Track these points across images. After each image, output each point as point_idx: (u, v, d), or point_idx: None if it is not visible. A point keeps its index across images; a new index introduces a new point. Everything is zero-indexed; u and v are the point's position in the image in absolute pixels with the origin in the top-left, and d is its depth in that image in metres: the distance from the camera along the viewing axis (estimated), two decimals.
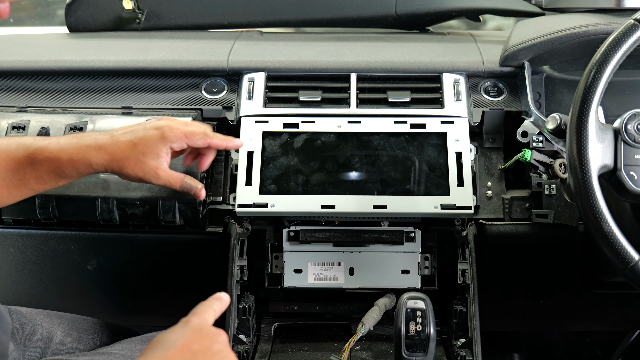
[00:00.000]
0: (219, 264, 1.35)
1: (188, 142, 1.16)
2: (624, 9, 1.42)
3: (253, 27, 1.75)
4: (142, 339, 1.24)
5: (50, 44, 1.64)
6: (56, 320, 1.28)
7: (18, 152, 1.07)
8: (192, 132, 1.16)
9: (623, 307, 1.57)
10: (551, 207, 1.30)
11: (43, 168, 1.07)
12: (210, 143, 1.19)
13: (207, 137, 1.18)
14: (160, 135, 1.12)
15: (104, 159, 1.09)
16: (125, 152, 1.10)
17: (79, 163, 1.08)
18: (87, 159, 1.09)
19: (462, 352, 1.25)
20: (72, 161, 1.08)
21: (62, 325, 1.28)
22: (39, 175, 1.08)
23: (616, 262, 1.04)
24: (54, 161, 1.07)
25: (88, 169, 1.09)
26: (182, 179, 1.16)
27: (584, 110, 1.05)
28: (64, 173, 1.09)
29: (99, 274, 1.46)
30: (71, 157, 1.08)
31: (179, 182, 1.16)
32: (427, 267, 1.35)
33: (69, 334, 1.28)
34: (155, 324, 1.63)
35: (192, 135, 1.16)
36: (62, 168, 1.08)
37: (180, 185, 1.17)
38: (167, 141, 1.13)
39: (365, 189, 1.30)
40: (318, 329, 1.37)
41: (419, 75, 1.42)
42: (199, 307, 0.88)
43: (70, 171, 1.09)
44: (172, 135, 1.13)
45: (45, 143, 1.09)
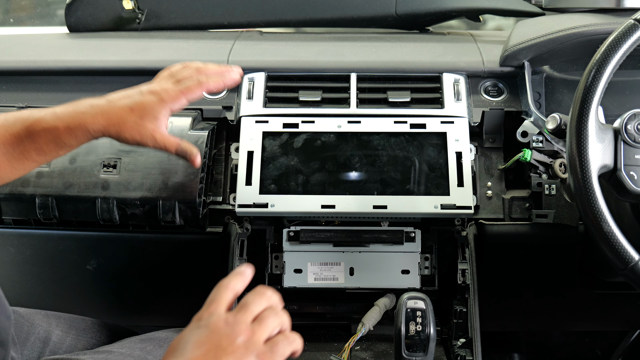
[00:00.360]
0: (219, 264, 1.35)
1: (186, 97, 1.14)
2: (624, 9, 1.42)
3: (253, 27, 1.75)
4: (142, 338, 1.24)
5: (50, 44, 1.64)
6: (54, 320, 1.28)
7: (16, 126, 1.07)
8: (187, 87, 1.14)
9: (623, 307, 1.57)
10: (551, 207, 1.30)
11: (42, 139, 1.06)
12: (208, 89, 1.17)
13: (202, 85, 1.15)
14: (158, 99, 1.11)
15: (100, 124, 1.08)
16: (123, 116, 1.09)
17: (76, 130, 1.07)
18: (84, 125, 1.07)
19: (462, 352, 1.25)
20: (70, 129, 1.07)
21: (60, 325, 1.28)
22: (39, 147, 1.07)
23: (616, 262, 1.04)
24: (52, 131, 1.06)
25: (86, 134, 1.08)
26: (178, 142, 1.14)
27: (584, 110, 1.05)
28: (63, 142, 1.07)
29: (99, 274, 1.46)
30: (68, 125, 1.07)
31: (174, 145, 1.13)
32: (427, 267, 1.35)
33: (67, 333, 1.28)
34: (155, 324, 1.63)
35: (188, 90, 1.14)
36: (61, 137, 1.07)
37: (176, 149, 1.14)
38: (164, 103, 1.11)
39: (365, 189, 1.30)
40: (318, 329, 1.37)
41: (419, 75, 1.42)
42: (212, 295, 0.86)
43: (69, 139, 1.07)
44: (168, 97, 1.12)
45: (42, 114, 1.08)
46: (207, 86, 1.16)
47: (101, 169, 1.31)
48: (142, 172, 1.31)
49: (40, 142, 1.06)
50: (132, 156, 1.32)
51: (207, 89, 1.16)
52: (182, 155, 1.15)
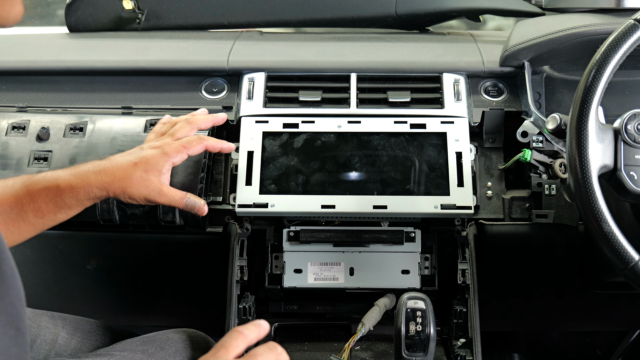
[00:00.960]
0: (219, 264, 1.35)
1: (187, 151, 1.17)
2: (624, 9, 1.42)
3: (253, 27, 1.75)
4: (144, 339, 1.23)
5: (50, 44, 1.64)
6: (60, 321, 1.28)
7: (15, 186, 1.05)
8: (189, 141, 1.17)
9: (623, 307, 1.57)
10: (551, 207, 1.30)
11: (41, 198, 1.05)
12: (207, 146, 1.21)
13: (203, 141, 1.19)
14: (160, 152, 1.13)
15: (104, 180, 1.08)
16: (127, 171, 1.10)
17: (78, 188, 1.06)
18: (87, 182, 1.07)
19: (462, 352, 1.25)
20: (71, 187, 1.06)
21: (66, 327, 1.28)
22: (37, 207, 1.05)
23: (616, 262, 1.04)
24: (52, 189, 1.05)
25: (88, 193, 1.07)
26: (184, 196, 1.17)
27: (584, 110, 1.05)
28: (63, 202, 1.06)
29: (99, 274, 1.46)
30: (69, 182, 1.06)
31: (182, 199, 1.17)
32: (427, 267, 1.35)
33: (72, 335, 1.28)
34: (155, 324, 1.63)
35: (189, 144, 1.17)
36: (61, 195, 1.05)
37: (184, 203, 1.17)
38: (167, 157, 1.13)
39: (365, 189, 1.30)
40: (318, 329, 1.37)
41: (419, 75, 1.42)
42: (223, 339, 0.86)
43: (70, 199, 1.06)
44: (171, 150, 1.14)
45: (43, 174, 1.07)
46: (207, 143, 1.20)
47: None
48: None
49: (39, 202, 1.04)
50: None
51: (207, 146, 1.20)
52: (189, 209, 1.18)
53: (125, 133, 1.34)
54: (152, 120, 1.36)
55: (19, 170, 1.32)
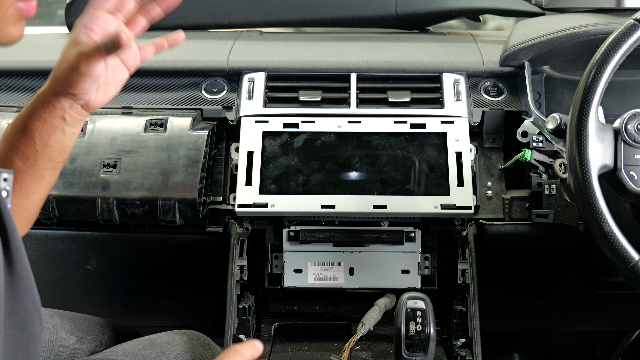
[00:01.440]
0: (219, 264, 1.35)
1: None
2: (624, 9, 1.42)
3: (253, 27, 1.74)
4: (144, 342, 1.23)
5: (50, 44, 1.63)
6: (59, 320, 1.28)
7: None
8: None
9: (623, 307, 1.57)
10: (551, 207, 1.30)
11: (12, 138, 0.99)
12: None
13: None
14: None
15: (47, 85, 1.02)
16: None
17: (32, 105, 1.01)
18: (36, 96, 1.01)
19: (462, 352, 1.25)
20: (29, 109, 1.00)
21: (65, 326, 1.28)
22: (15, 149, 0.98)
23: (616, 262, 1.04)
24: (18, 123, 1.00)
25: (40, 94, 1.01)
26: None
27: (584, 110, 1.05)
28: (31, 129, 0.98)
29: (99, 274, 1.46)
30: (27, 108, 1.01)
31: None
32: (427, 267, 1.35)
33: (71, 335, 1.27)
34: (155, 323, 1.63)
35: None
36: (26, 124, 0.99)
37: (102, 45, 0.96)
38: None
39: (365, 189, 1.30)
40: (318, 329, 1.37)
41: (419, 75, 1.42)
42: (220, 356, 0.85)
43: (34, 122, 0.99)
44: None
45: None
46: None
47: (101, 169, 1.31)
48: (142, 172, 1.31)
49: (14, 142, 0.99)
50: (132, 156, 1.32)
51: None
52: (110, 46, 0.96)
53: (125, 133, 1.34)
54: (152, 120, 1.36)
55: None
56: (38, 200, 1.02)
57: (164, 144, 1.33)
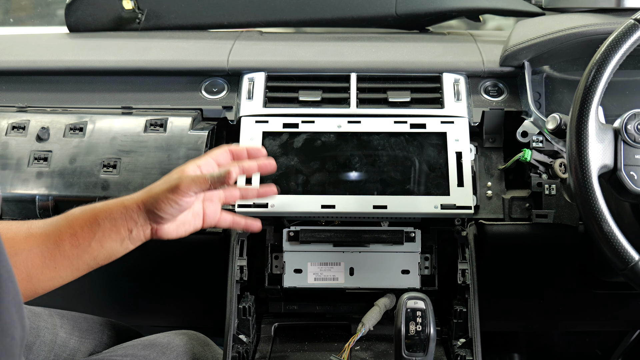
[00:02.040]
0: (219, 264, 1.35)
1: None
2: (624, 9, 1.42)
3: (253, 27, 1.75)
4: (145, 343, 1.23)
5: (50, 44, 1.64)
6: (58, 320, 1.28)
7: (57, 218, 1.01)
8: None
9: (623, 307, 1.57)
10: (551, 207, 1.30)
11: (77, 222, 1.00)
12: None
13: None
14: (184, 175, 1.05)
15: (135, 195, 1.04)
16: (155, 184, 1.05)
17: (111, 205, 1.02)
18: (120, 199, 1.03)
19: (462, 352, 1.25)
20: (106, 205, 1.02)
21: (65, 326, 1.28)
22: (73, 233, 0.99)
23: (616, 262, 1.04)
24: (88, 211, 1.01)
25: (120, 210, 1.02)
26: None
27: (584, 110, 1.05)
28: (97, 224, 1.00)
29: (99, 274, 1.45)
30: (105, 203, 1.02)
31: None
32: (427, 267, 1.35)
33: (70, 334, 1.27)
34: (155, 324, 1.63)
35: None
36: (96, 217, 1.01)
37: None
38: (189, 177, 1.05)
39: (365, 189, 1.30)
40: (318, 329, 1.37)
41: (419, 75, 1.42)
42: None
43: (104, 220, 1.00)
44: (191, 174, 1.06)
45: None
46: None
47: (101, 169, 1.31)
48: (142, 172, 1.31)
49: (75, 226, 1.00)
50: (132, 156, 1.32)
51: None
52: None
53: (125, 133, 1.34)
54: (152, 120, 1.36)
55: (19, 170, 1.32)
56: (58, 285, 1.04)
57: (164, 144, 1.33)
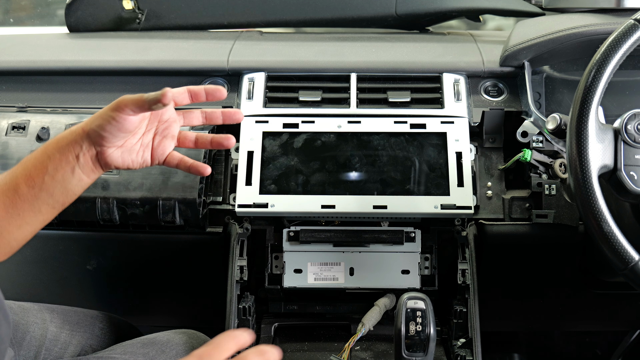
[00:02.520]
0: (219, 264, 1.35)
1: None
2: (624, 9, 1.42)
3: (253, 27, 1.75)
4: (144, 341, 1.23)
5: (50, 44, 1.64)
6: (48, 314, 1.28)
7: (10, 170, 1.02)
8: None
9: (623, 307, 1.57)
10: (551, 207, 1.30)
11: (30, 162, 1.01)
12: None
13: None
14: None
15: (83, 121, 1.02)
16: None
17: (58, 137, 1.01)
18: (65, 133, 1.02)
19: (462, 352, 1.25)
20: (54, 139, 1.02)
21: (55, 320, 1.28)
22: (27, 174, 1.00)
23: (616, 262, 1.04)
24: (39, 151, 1.01)
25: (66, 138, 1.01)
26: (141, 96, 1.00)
27: (584, 110, 1.05)
28: (48, 157, 1.00)
29: (99, 274, 1.46)
30: (55, 139, 1.02)
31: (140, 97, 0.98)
32: (427, 267, 1.35)
33: (61, 329, 1.28)
34: (155, 324, 1.63)
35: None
36: (45, 151, 1.01)
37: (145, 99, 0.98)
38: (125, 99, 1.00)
39: (365, 189, 1.30)
40: (318, 329, 1.37)
41: (419, 75, 1.42)
42: (217, 339, 0.87)
43: (53, 151, 1.00)
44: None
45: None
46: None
47: None
48: (142, 172, 1.31)
49: (28, 166, 1.00)
50: None
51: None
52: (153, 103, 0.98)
53: None
54: None
55: None
56: (29, 234, 1.04)
57: None
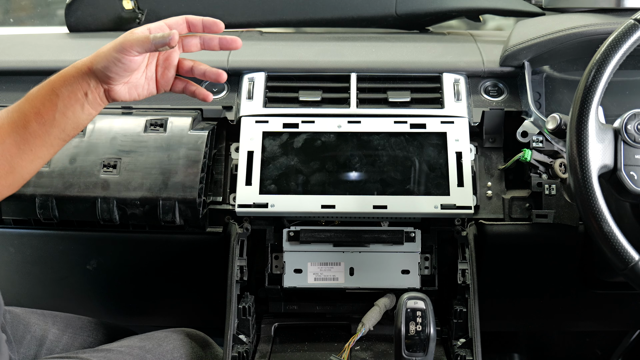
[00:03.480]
0: (219, 264, 1.35)
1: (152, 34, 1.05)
2: (624, 9, 1.42)
3: (253, 27, 1.74)
4: (142, 337, 1.24)
5: (50, 44, 1.64)
6: (50, 319, 1.28)
7: (20, 103, 1.04)
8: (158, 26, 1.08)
9: (623, 307, 1.57)
10: (551, 207, 1.30)
11: (38, 99, 1.02)
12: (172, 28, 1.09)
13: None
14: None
15: (87, 57, 1.04)
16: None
17: (63, 72, 1.04)
18: (71, 67, 1.04)
19: (462, 352, 1.25)
20: (60, 74, 1.04)
21: (57, 324, 1.28)
22: (37, 111, 1.01)
23: (616, 262, 1.04)
24: (45, 85, 1.03)
25: (72, 73, 1.03)
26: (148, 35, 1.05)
27: (584, 110, 1.05)
28: (56, 95, 1.02)
29: (99, 274, 1.46)
30: (59, 73, 1.04)
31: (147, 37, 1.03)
32: (427, 267, 1.35)
33: (63, 332, 1.28)
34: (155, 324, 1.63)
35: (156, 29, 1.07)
36: (52, 87, 1.03)
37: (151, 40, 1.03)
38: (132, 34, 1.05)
39: (365, 189, 1.30)
40: (318, 329, 1.37)
41: (419, 75, 1.42)
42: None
43: (61, 88, 1.02)
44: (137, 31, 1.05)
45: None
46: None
47: (101, 169, 1.31)
48: (142, 172, 1.31)
49: (37, 104, 1.02)
50: (132, 156, 1.32)
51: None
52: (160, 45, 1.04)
53: (125, 133, 1.34)
54: (152, 120, 1.36)
55: None
56: (40, 166, 1.06)
57: (164, 144, 1.33)
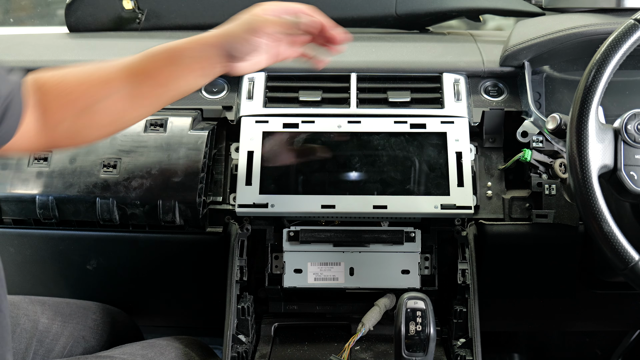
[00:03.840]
0: (219, 264, 1.35)
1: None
2: (624, 9, 1.42)
3: None
4: (144, 344, 1.24)
5: (50, 44, 1.64)
6: (39, 307, 1.28)
7: (135, 58, 1.05)
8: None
9: (623, 307, 1.57)
10: (551, 207, 1.30)
11: (159, 62, 1.05)
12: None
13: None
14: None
15: (215, 35, 1.07)
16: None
17: (191, 43, 1.06)
18: (198, 37, 1.06)
19: (462, 352, 1.25)
20: (186, 43, 1.06)
21: (46, 312, 1.28)
22: (156, 66, 1.04)
23: (616, 262, 1.04)
24: (168, 50, 1.06)
25: (201, 43, 1.05)
26: None
27: (584, 110, 1.05)
28: (181, 60, 1.05)
29: (99, 274, 1.46)
30: (184, 41, 1.06)
31: None
32: (427, 267, 1.35)
33: (52, 320, 1.28)
34: (155, 324, 1.63)
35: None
36: (176, 55, 1.05)
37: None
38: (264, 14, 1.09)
39: (365, 189, 1.30)
40: (318, 329, 1.37)
41: (419, 75, 1.42)
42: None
43: (187, 50, 1.05)
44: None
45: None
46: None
47: (101, 169, 1.31)
48: (142, 172, 1.31)
49: (157, 66, 1.04)
50: (132, 156, 1.32)
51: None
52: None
53: (125, 133, 1.34)
54: (152, 120, 1.36)
55: (19, 170, 1.32)
56: (136, 121, 1.09)
57: (164, 144, 1.33)
